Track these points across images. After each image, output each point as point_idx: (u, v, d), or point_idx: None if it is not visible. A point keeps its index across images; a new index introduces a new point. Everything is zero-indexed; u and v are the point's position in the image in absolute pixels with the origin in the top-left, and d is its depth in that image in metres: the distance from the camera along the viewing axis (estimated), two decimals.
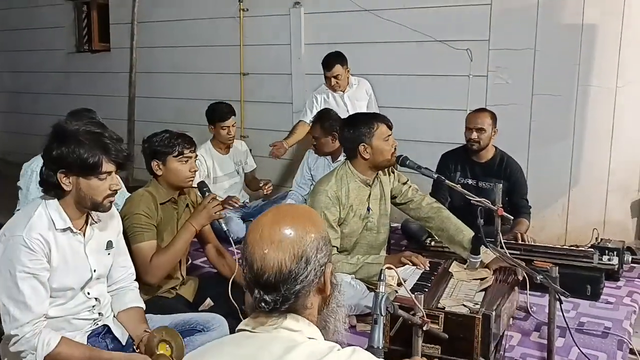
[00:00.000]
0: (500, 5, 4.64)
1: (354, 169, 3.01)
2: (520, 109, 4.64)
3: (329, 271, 1.25)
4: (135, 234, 2.56)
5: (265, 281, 1.17)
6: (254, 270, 1.18)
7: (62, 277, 2.04)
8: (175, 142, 2.72)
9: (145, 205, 2.63)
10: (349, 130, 2.99)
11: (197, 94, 6.14)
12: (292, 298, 1.19)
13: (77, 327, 2.14)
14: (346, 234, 3.02)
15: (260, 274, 1.18)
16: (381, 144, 2.96)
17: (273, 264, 1.17)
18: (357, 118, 3.09)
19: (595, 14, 4.35)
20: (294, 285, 1.18)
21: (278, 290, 1.18)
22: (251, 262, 1.19)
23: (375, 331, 1.54)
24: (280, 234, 1.19)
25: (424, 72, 5.01)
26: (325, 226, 1.25)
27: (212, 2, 6.10)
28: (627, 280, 3.35)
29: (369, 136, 2.95)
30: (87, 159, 1.96)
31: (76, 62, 7.47)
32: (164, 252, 2.60)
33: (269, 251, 1.18)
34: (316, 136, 4.16)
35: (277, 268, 1.17)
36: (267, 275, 1.17)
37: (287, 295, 1.18)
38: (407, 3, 4.99)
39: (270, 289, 1.18)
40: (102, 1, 7.13)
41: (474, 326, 2.23)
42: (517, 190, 3.77)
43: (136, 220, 2.58)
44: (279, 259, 1.17)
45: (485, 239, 2.64)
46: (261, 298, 1.18)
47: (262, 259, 1.18)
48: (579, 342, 2.56)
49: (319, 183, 3.05)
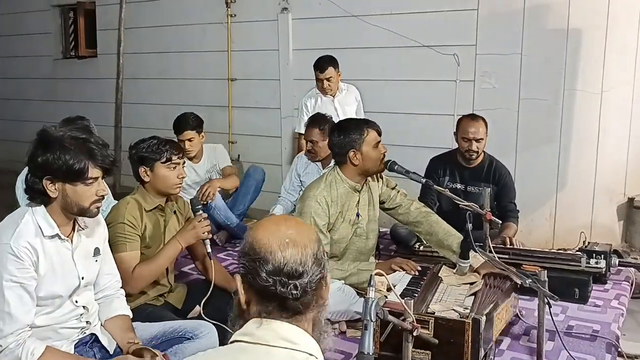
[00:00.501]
0: (486, 10, 4.68)
1: (343, 175, 3.01)
2: (508, 113, 4.67)
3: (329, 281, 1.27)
4: (118, 244, 2.54)
5: (290, 269, 1.18)
6: (276, 261, 1.18)
7: (50, 285, 2.01)
8: (163, 149, 2.70)
9: (130, 214, 2.61)
10: (339, 136, 2.98)
11: (185, 99, 6.12)
12: (314, 286, 1.20)
13: (64, 336, 2.11)
14: (336, 240, 3.01)
15: (283, 262, 1.18)
16: (371, 150, 2.96)
17: (297, 252, 1.19)
18: (347, 123, 3.08)
19: (580, 19, 4.40)
20: (312, 274, 1.19)
21: (303, 277, 1.18)
22: (269, 254, 1.18)
23: (365, 337, 1.53)
24: (294, 231, 1.22)
25: (411, 77, 5.03)
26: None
27: (199, 8, 6.09)
28: (615, 283, 3.37)
29: (359, 142, 2.94)
30: (72, 165, 1.94)
31: (63, 68, 7.43)
32: (147, 265, 2.59)
33: (289, 241, 1.19)
34: (314, 140, 4.08)
35: (301, 255, 1.19)
36: (292, 263, 1.18)
37: (311, 283, 1.19)
38: (394, 9, 5.01)
39: (295, 276, 1.18)
40: (89, 7, 7.10)
41: (464, 331, 2.23)
42: (505, 195, 3.78)
43: (120, 229, 2.56)
44: (300, 248, 1.19)
45: (474, 243, 2.65)
46: (290, 285, 1.17)
47: (284, 248, 1.19)
48: (568, 346, 2.57)
49: (308, 188, 3.05)
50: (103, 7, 6.87)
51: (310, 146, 4.13)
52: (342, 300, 2.78)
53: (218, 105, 6.08)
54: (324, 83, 4.53)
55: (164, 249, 2.64)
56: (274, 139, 5.80)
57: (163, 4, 6.35)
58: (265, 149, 5.85)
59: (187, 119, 4.22)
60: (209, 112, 5.96)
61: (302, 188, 4.21)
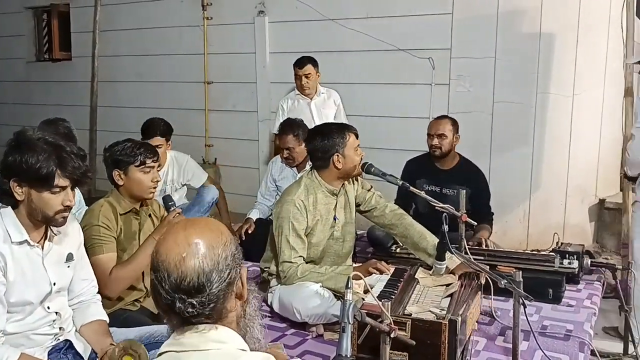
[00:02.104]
0: (461, 14, 4.73)
1: (321, 179, 3.02)
2: (482, 116, 4.73)
3: (245, 274, 1.27)
4: (94, 246, 2.51)
5: (188, 285, 1.16)
6: (174, 277, 1.16)
7: (20, 291, 1.97)
8: (137, 152, 2.67)
9: (104, 216, 2.57)
10: (322, 140, 2.97)
11: (161, 103, 6.08)
12: (215, 299, 1.18)
13: (37, 343, 2.07)
14: (314, 243, 3.02)
15: (181, 278, 1.16)
16: (352, 153, 2.99)
17: (194, 265, 1.16)
18: (328, 128, 3.07)
19: (552, 24, 4.48)
20: (216, 286, 1.18)
21: (202, 292, 1.17)
22: (168, 270, 1.17)
23: (343, 340, 1.54)
24: (195, 238, 1.19)
25: (387, 80, 5.07)
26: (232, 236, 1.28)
27: (175, 11, 6.06)
28: (587, 283, 3.42)
29: (342, 146, 2.96)
30: (39, 170, 1.89)
31: (36, 71, 7.32)
32: (124, 266, 2.55)
33: (187, 254, 1.17)
34: (290, 147, 4.03)
35: (199, 268, 1.17)
36: (189, 279, 1.16)
37: (211, 297, 1.17)
38: (370, 13, 5.04)
39: (194, 292, 1.16)
40: (63, 9, 7.01)
41: (440, 332, 2.25)
42: (480, 197, 3.83)
43: (95, 232, 2.53)
44: (199, 260, 1.17)
45: (450, 245, 2.68)
46: (187, 303, 1.16)
47: (181, 263, 1.16)
48: (543, 345, 2.61)
49: (286, 193, 3.05)
50: (77, 10, 6.79)
51: (287, 153, 4.07)
52: (320, 303, 2.79)
53: (195, 109, 6.06)
54: (302, 80, 4.52)
55: (141, 248, 2.60)
56: (251, 142, 5.80)
57: (138, 7, 6.30)
58: (242, 152, 5.84)
59: (157, 125, 4.03)
60: (186, 115, 5.94)
61: (278, 192, 4.19)
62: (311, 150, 3.05)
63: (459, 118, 3.98)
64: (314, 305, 2.78)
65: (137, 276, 2.63)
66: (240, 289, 1.25)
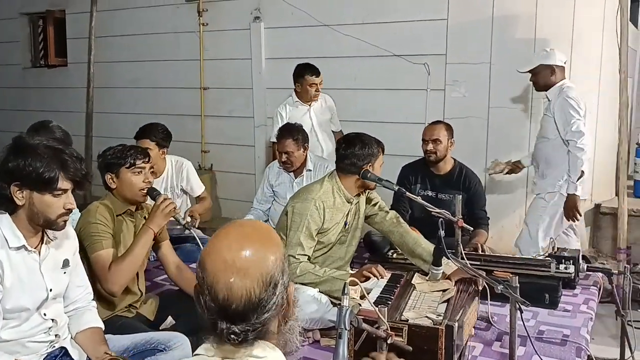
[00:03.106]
0: (456, 20, 4.75)
1: (341, 185, 3.03)
2: (477, 121, 4.74)
3: (292, 290, 1.21)
4: (94, 243, 2.51)
5: (233, 312, 1.10)
6: (219, 301, 1.10)
7: (16, 298, 1.97)
8: (127, 154, 2.68)
9: (101, 214, 2.59)
10: (361, 148, 2.98)
11: (157, 109, 6.07)
12: (261, 326, 1.12)
13: (32, 350, 2.06)
14: (323, 243, 3.06)
15: (227, 304, 1.10)
16: (378, 168, 3.05)
17: (241, 294, 1.10)
18: (369, 138, 3.08)
19: (547, 30, 4.50)
20: (263, 313, 1.12)
21: (247, 320, 1.11)
22: (215, 292, 1.11)
23: (339, 346, 1.53)
24: (245, 260, 1.12)
25: (383, 86, 5.08)
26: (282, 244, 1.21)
27: (171, 17, 6.06)
28: (583, 288, 3.42)
29: (375, 158, 3.01)
30: (42, 173, 1.90)
31: (32, 77, 7.32)
32: (123, 259, 2.54)
33: (235, 279, 1.10)
34: (289, 151, 4.01)
35: (247, 297, 1.10)
36: (235, 306, 1.10)
37: (256, 324, 1.12)
38: (366, 19, 5.06)
39: (238, 319, 1.11)
40: (59, 15, 7.01)
41: (437, 337, 2.25)
42: (475, 202, 3.83)
43: (93, 229, 2.53)
44: (248, 287, 1.10)
45: (446, 250, 2.68)
46: (230, 330, 1.10)
47: (228, 289, 1.10)
48: (540, 350, 2.60)
49: (307, 191, 3.06)
50: (73, 16, 6.79)
51: (285, 157, 4.04)
52: (316, 309, 2.78)
53: (191, 114, 6.06)
54: (315, 87, 4.50)
55: (137, 239, 2.60)
56: (247, 147, 5.80)
57: (134, 13, 6.31)
58: (238, 158, 5.84)
59: (154, 129, 3.92)
60: (182, 121, 5.93)
61: (274, 198, 4.20)
62: (346, 154, 3.03)
63: (454, 123, 3.99)
64: (310, 311, 2.78)
65: (137, 266, 2.62)
66: (286, 309, 1.19)
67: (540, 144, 4.10)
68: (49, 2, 7.03)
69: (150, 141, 3.87)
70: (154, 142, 3.89)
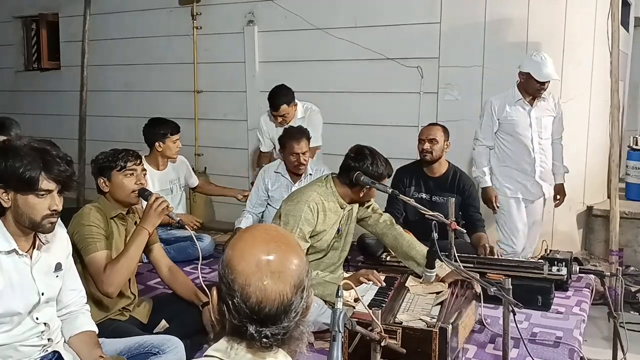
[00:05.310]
0: (448, 23, 4.77)
1: (335, 190, 3.01)
2: (470, 124, 4.74)
3: (311, 295, 1.21)
4: (88, 245, 2.51)
5: (265, 315, 1.09)
6: (251, 304, 1.09)
7: (7, 302, 1.96)
8: (118, 156, 2.69)
9: (94, 217, 2.59)
10: (371, 167, 2.92)
11: (151, 112, 6.00)
12: (291, 330, 1.12)
13: (25, 355, 2.05)
14: (316, 247, 3.05)
15: (260, 307, 1.09)
16: (374, 192, 3.01)
17: (275, 297, 1.10)
18: (384, 159, 3.02)
19: (539, 33, 4.52)
20: (293, 317, 1.12)
21: (279, 323, 1.10)
22: (247, 294, 1.09)
23: (334, 349, 1.53)
24: (278, 263, 1.12)
25: (376, 89, 5.09)
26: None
27: (165, 20, 6.06)
28: (576, 290, 3.44)
29: (377, 182, 2.93)
30: (23, 173, 1.88)
31: (25, 80, 7.30)
32: (117, 260, 2.54)
33: (269, 282, 1.10)
34: (306, 151, 3.92)
35: (279, 300, 1.10)
36: (268, 309, 1.09)
37: (288, 327, 1.11)
38: (358, 22, 5.07)
39: (270, 322, 1.10)
40: (52, 19, 7.00)
41: (431, 340, 2.26)
42: (470, 204, 3.85)
43: (87, 231, 2.53)
44: (281, 291, 1.10)
45: (440, 252, 2.69)
46: (262, 333, 1.09)
47: (262, 291, 1.09)
48: (533, 353, 2.62)
49: (301, 193, 3.05)
50: (66, 19, 6.78)
51: (302, 159, 3.91)
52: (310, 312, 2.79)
53: (184, 118, 6.03)
54: (277, 119, 4.39)
55: (132, 239, 2.60)
56: (240, 151, 5.80)
57: (128, 16, 6.30)
58: (231, 161, 5.84)
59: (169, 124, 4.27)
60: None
61: (269, 202, 4.18)
62: (353, 166, 2.94)
63: (447, 126, 4.01)
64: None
65: (131, 269, 2.62)
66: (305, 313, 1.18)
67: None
68: (42, 5, 7.01)
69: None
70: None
